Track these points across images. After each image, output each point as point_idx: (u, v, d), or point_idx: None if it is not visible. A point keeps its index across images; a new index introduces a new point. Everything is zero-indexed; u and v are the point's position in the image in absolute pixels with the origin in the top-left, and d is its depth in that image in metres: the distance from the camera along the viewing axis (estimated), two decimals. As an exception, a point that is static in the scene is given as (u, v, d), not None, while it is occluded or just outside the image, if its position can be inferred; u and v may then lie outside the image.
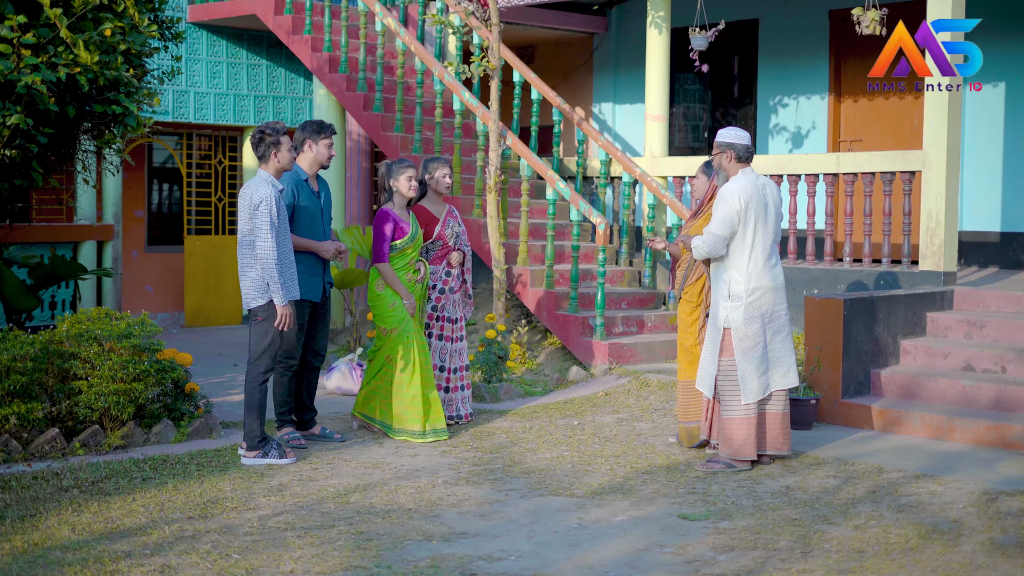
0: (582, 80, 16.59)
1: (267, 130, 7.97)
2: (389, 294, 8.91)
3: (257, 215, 7.85)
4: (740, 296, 7.90)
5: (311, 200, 8.72)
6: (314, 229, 8.72)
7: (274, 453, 8.06)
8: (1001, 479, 7.56)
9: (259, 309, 8.00)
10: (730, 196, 7.88)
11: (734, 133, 8.06)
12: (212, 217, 17.09)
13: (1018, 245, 12.71)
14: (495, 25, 11.51)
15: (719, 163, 8.10)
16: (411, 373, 8.82)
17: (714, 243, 7.89)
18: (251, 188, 7.94)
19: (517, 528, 6.59)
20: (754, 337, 7.91)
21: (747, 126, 15.02)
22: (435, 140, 12.77)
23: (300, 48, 14.24)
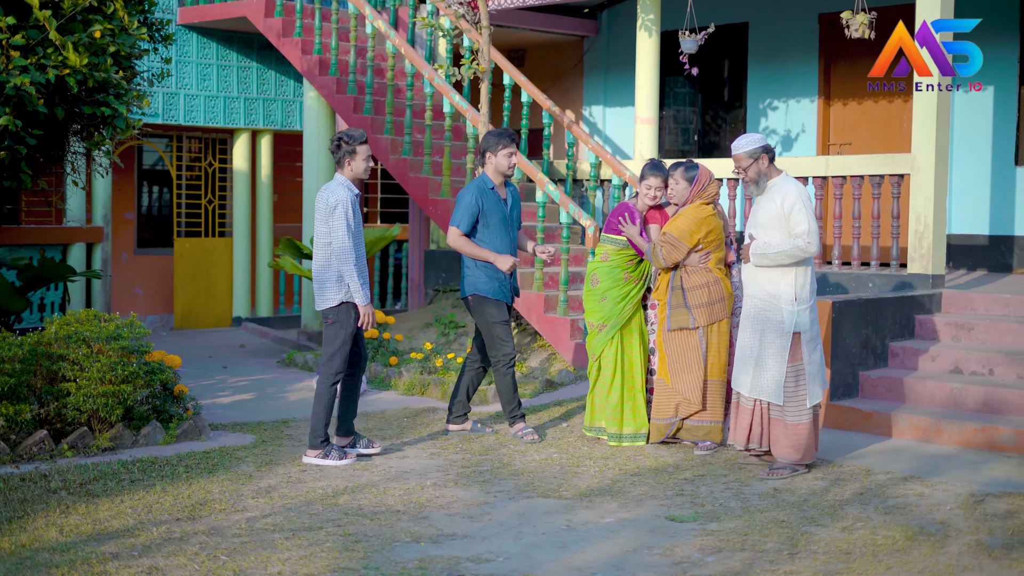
0: (572, 83, 16.61)
1: (345, 138, 8.16)
2: (601, 289, 8.92)
3: (334, 217, 8.01)
4: (806, 299, 7.86)
5: (497, 207, 8.96)
6: (500, 235, 8.96)
7: (334, 455, 8.15)
8: (988, 481, 7.58)
9: (330, 311, 8.18)
10: (802, 195, 7.80)
11: (757, 136, 7.99)
12: (202, 219, 17.10)
13: (1006, 248, 12.74)
14: (485, 28, 11.52)
15: (758, 171, 7.92)
16: (612, 375, 8.86)
17: (811, 240, 7.79)
18: (328, 191, 8.12)
19: (505, 530, 6.59)
20: (817, 339, 7.92)
21: (736, 129, 15.05)
22: (425, 143, 12.77)
23: (290, 50, 14.23)
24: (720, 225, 8.71)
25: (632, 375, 8.87)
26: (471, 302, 9.07)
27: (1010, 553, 6.07)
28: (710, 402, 8.55)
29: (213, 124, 16.26)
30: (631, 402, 8.83)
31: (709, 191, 8.70)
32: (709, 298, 8.54)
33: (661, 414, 8.66)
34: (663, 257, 8.52)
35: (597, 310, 8.95)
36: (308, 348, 13.73)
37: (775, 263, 7.82)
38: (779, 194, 7.87)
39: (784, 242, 7.79)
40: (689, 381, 8.50)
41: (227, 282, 17.02)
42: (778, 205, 7.83)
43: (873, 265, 10.96)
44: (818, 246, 7.81)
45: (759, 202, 8.01)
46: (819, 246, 7.84)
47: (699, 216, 8.58)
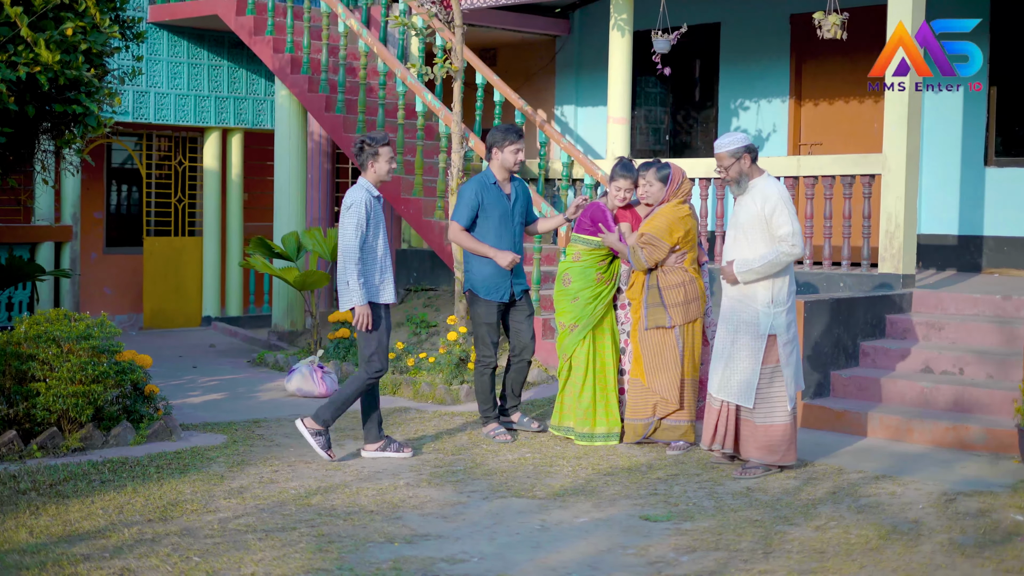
0: (544, 82, 16.60)
1: (368, 140, 8.21)
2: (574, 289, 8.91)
3: (346, 217, 8.05)
4: (782, 301, 7.84)
5: (499, 202, 8.98)
6: (502, 230, 8.97)
7: (394, 447, 8.33)
8: (959, 480, 7.62)
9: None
10: (784, 196, 7.77)
11: (740, 136, 7.94)
12: (172, 219, 17.01)
13: (976, 248, 12.81)
14: (458, 27, 11.49)
15: (739, 170, 7.87)
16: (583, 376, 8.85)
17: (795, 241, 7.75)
18: (349, 194, 8.16)
19: (479, 530, 6.58)
20: (794, 341, 7.91)
21: (708, 129, 15.08)
22: (398, 142, 12.74)
23: (262, 49, 14.18)
24: (695, 224, 8.73)
25: (604, 375, 8.86)
26: (467, 298, 9.14)
27: (982, 552, 6.10)
28: (687, 401, 8.56)
29: (184, 123, 16.18)
30: (604, 402, 8.83)
31: (684, 190, 8.71)
32: (685, 297, 8.55)
33: (637, 414, 8.66)
34: (645, 258, 8.50)
35: (569, 310, 8.94)
36: (278, 348, 13.68)
37: (763, 275, 7.75)
38: (760, 195, 7.85)
39: (768, 251, 7.73)
40: (667, 381, 8.51)
41: (197, 281, 16.94)
42: (759, 206, 7.81)
43: (844, 265, 10.99)
44: (803, 247, 7.77)
45: (740, 202, 7.99)
46: (803, 247, 7.82)
47: (677, 215, 8.58)
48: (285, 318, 14.24)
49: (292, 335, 14.10)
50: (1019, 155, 12.63)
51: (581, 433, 8.82)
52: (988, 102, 12.72)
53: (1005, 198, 12.65)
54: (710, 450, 8.18)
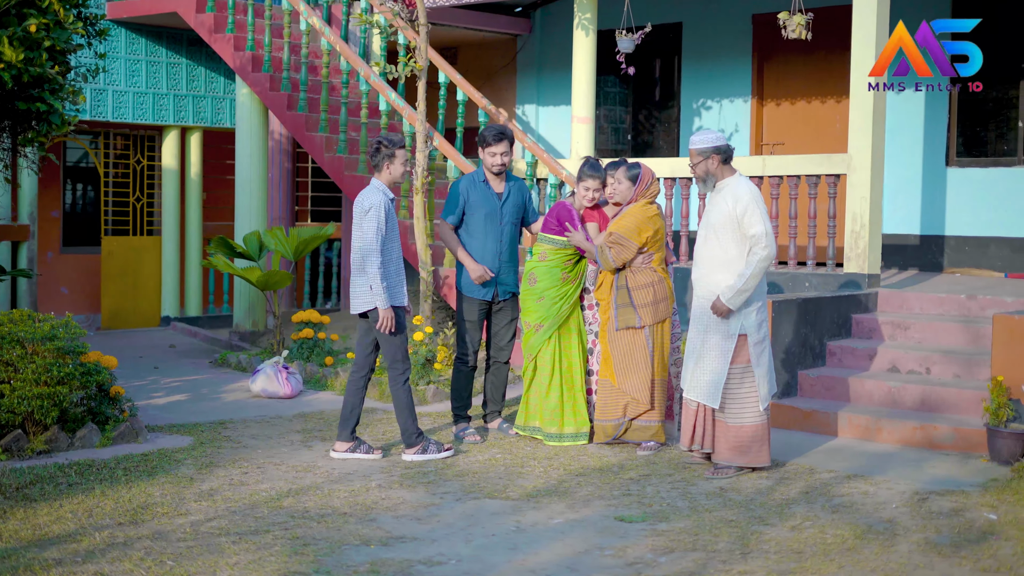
0: (505, 82, 16.58)
1: (384, 142, 8.20)
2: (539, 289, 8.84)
3: (366, 220, 8.03)
4: (753, 301, 7.84)
5: (486, 201, 8.97)
6: (487, 229, 8.97)
7: (433, 448, 8.24)
8: (930, 479, 7.66)
9: (371, 314, 8.18)
10: (756, 196, 7.75)
11: (713, 136, 7.90)
12: (130, 218, 16.84)
13: (937, 247, 12.90)
14: (423, 25, 11.43)
15: (706, 169, 7.85)
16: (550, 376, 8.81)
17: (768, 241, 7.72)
18: (363, 195, 8.15)
19: (455, 532, 6.53)
20: (765, 341, 7.90)
21: (670, 129, 15.11)
22: (360, 141, 12.66)
23: (222, 47, 14.05)
24: (663, 224, 8.72)
25: (571, 375, 8.84)
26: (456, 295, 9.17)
27: (959, 551, 6.12)
28: (657, 402, 8.55)
29: (142, 121, 16.02)
30: (571, 402, 8.81)
31: (652, 190, 8.70)
32: (654, 297, 8.54)
33: (608, 415, 8.64)
34: (613, 258, 8.49)
35: (535, 310, 8.90)
36: (240, 348, 13.56)
37: (750, 288, 7.70)
38: (731, 195, 7.83)
39: (744, 267, 7.69)
40: (637, 381, 8.49)
41: (155, 281, 16.77)
42: (730, 206, 7.79)
43: (809, 264, 11.02)
44: (774, 248, 7.77)
45: (712, 202, 7.99)
46: (775, 247, 7.82)
47: (645, 215, 8.57)
48: (247, 318, 14.12)
49: (254, 335, 13.99)
50: (980, 155, 12.73)
51: (549, 433, 8.78)
52: (949, 102, 12.81)
53: (966, 198, 12.75)
54: (689, 451, 8.16)
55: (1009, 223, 12.44)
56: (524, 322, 8.98)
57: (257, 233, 13.00)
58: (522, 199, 9.19)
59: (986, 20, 11.02)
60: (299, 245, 12.65)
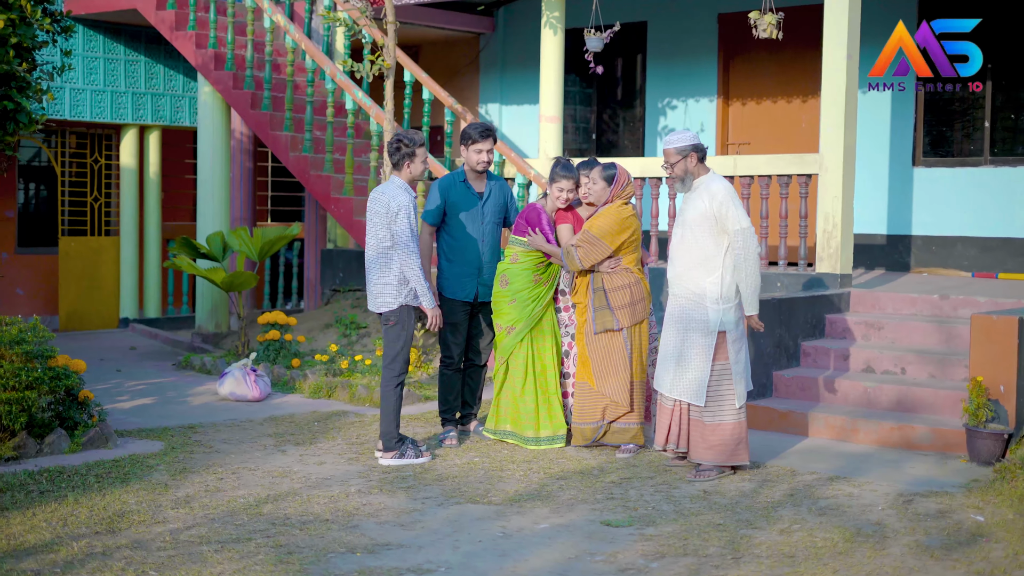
0: (468, 81, 16.46)
1: (404, 140, 8.13)
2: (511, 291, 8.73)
3: (397, 222, 7.98)
4: (731, 297, 7.78)
5: (466, 200, 8.83)
6: (470, 230, 8.84)
7: (410, 453, 8.14)
8: (912, 480, 7.63)
9: (390, 313, 8.14)
10: (731, 193, 7.73)
11: (690, 135, 7.89)
12: (88, 218, 16.56)
13: (904, 247, 12.92)
14: (391, 23, 11.30)
15: (684, 168, 7.83)
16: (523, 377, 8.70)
17: (754, 236, 7.75)
18: (388, 195, 8.05)
19: (440, 538, 6.42)
20: (743, 338, 7.86)
21: (635, 128, 15.06)
22: (326, 140, 12.52)
23: (184, 44, 13.84)
24: (639, 225, 8.64)
25: (546, 377, 8.74)
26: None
27: (950, 554, 6.08)
28: (636, 403, 8.47)
29: (99, 119, 15.76)
30: (547, 404, 8.71)
31: (628, 190, 8.63)
32: (631, 298, 8.47)
33: (586, 418, 8.55)
34: (579, 258, 8.39)
35: (507, 311, 8.79)
36: (204, 350, 13.37)
37: (758, 282, 7.76)
38: (707, 193, 7.79)
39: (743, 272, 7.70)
40: (616, 383, 8.41)
41: (114, 282, 16.51)
42: (706, 204, 7.76)
43: (781, 264, 10.99)
44: (756, 239, 7.78)
45: (687, 200, 7.94)
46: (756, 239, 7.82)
47: (621, 216, 8.49)
48: (210, 320, 13.93)
49: (217, 337, 13.80)
50: (947, 155, 12.77)
51: (525, 437, 8.69)
52: (916, 102, 12.83)
53: (933, 198, 12.78)
54: (663, 451, 8.10)
55: (975, 223, 12.48)
56: (496, 324, 8.88)
57: (220, 234, 12.82)
58: (503, 199, 9.08)
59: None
60: (264, 246, 12.49)
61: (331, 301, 13.94)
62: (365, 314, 12.99)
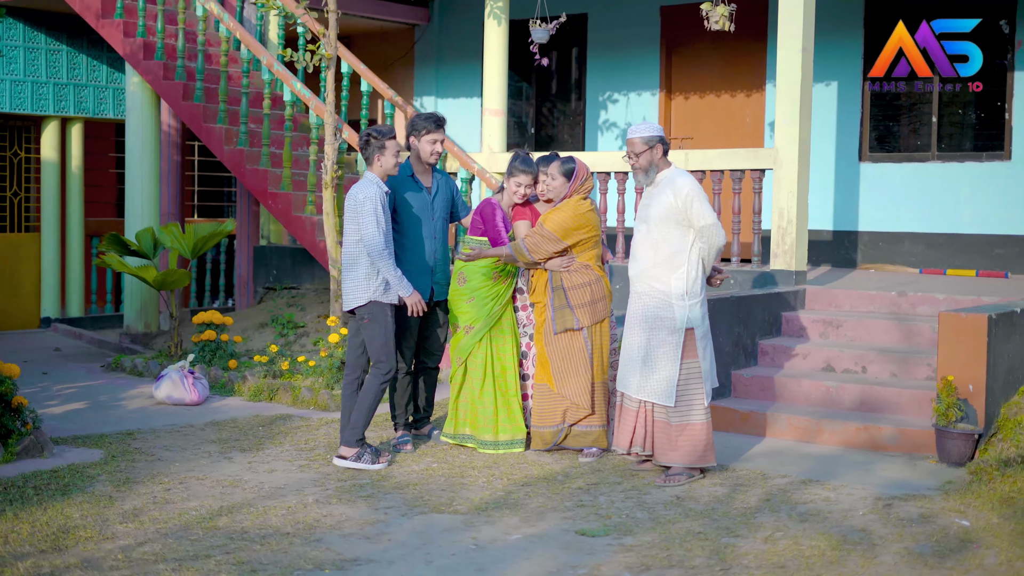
0: (402, 73, 16.09)
1: (373, 133, 7.96)
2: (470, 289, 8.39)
3: (362, 214, 7.80)
4: (696, 293, 7.53)
5: (416, 196, 8.49)
6: (420, 227, 8.49)
7: (366, 458, 7.89)
8: (886, 483, 7.43)
9: (363, 310, 7.94)
10: (696, 187, 7.51)
11: (655, 126, 7.65)
12: (7, 213, 15.93)
13: (850, 243, 12.80)
14: (332, 12, 10.89)
15: (649, 160, 7.59)
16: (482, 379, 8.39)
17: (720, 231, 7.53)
18: (357, 188, 7.91)
19: (410, 551, 6.09)
20: (709, 335, 7.62)
21: (576, 122, 14.80)
22: (263, 133, 12.09)
23: (111, 33, 13.30)
24: (598, 221, 8.36)
25: (505, 379, 8.42)
26: None
27: (944, 562, 5.87)
28: (598, 405, 8.19)
29: (19, 111, 15.15)
30: (506, 407, 8.40)
31: (587, 185, 8.35)
32: (591, 297, 8.18)
33: (546, 421, 8.24)
34: (528, 249, 8.08)
35: (465, 310, 8.47)
36: (134, 351, 12.87)
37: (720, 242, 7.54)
38: (671, 187, 7.55)
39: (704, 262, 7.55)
40: (577, 385, 8.12)
41: (35, 280, 15.87)
42: (671, 199, 7.51)
43: (734, 261, 10.78)
44: (723, 235, 7.56)
45: (650, 195, 7.68)
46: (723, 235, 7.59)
47: (579, 211, 8.20)
48: (139, 319, 13.42)
49: (147, 337, 13.30)
50: (893, 150, 12.66)
51: (483, 441, 8.37)
52: (862, 97, 12.70)
53: (879, 193, 12.67)
54: (627, 454, 7.83)
55: (923, 218, 12.38)
56: (453, 324, 8.55)
57: (151, 230, 12.34)
58: (450, 192, 8.75)
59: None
60: (198, 242, 12.03)
61: (264, 300, 13.51)
62: (303, 313, 12.60)
